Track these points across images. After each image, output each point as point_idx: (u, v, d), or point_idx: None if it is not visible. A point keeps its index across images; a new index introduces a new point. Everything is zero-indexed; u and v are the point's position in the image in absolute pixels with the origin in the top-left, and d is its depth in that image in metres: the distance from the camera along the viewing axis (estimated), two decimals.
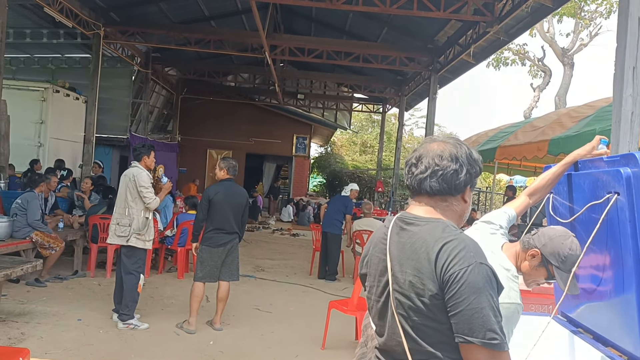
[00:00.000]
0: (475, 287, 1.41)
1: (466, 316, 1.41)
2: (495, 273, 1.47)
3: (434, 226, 1.55)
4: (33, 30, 11.87)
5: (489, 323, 1.39)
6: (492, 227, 2.34)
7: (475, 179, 1.65)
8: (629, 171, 1.98)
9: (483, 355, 1.40)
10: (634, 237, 1.95)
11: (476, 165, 1.63)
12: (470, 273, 1.42)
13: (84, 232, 7.60)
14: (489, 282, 1.43)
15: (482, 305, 1.40)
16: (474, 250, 1.47)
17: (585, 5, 17.86)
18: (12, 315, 5.24)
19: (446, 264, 1.45)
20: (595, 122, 5.70)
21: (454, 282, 1.43)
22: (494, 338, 1.39)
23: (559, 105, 18.95)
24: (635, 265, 1.96)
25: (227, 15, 13.20)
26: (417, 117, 29.81)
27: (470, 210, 1.77)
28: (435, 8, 8.51)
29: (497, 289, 1.46)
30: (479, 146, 9.25)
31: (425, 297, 1.48)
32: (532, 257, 2.17)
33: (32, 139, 10.63)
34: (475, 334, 1.40)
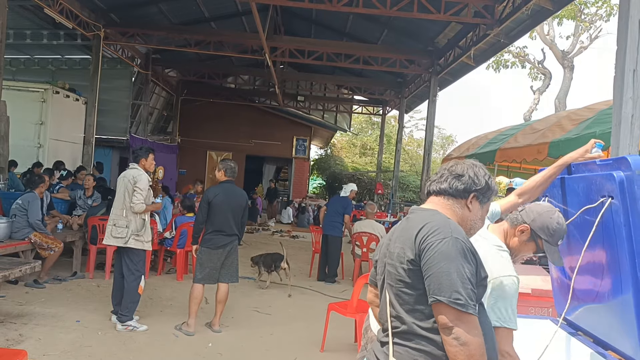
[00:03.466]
0: (446, 255, 1.63)
1: (436, 278, 1.62)
2: (473, 250, 1.67)
3: (428, 213, 1.82)
4: (33, 31, 11.87)
5: (455, 286, 1.59)
6: None
7: (483, 195, 1.88)
8: (622, 175, 1.98)
9: (450, 315, 1.60)
10: (629, 240, 1.95)
11: (479, 180, 1.87)
12: (445, 244, 1.65)
13: (83, 234, 7.58)
14: (462, 254, 1.64)
15: (450, 270, 1.61)
16: (453, 229, 1.69)
17: (585, 8, 17.87)
18: (11, 317, 5.22)
19: (425, 236, 1.70)
20: (595, 125, 5.69)
21: (429, 250, 1.66)
22: (459, 299, 1.58)
23: (559, 107, 18.95)
24: (632, 268, 1.95)
25: (227, 17, 13.21)
26: (417, 119, 29.81)
27: (479, 225, 1.92)
28: (436, 10, 8.51)
29: (473, 264, 1.65)
30: (479, 148, 9.24)
31: (404, 263, 1.72)
32: (521, 232, 2.28)
33: (32, 140, 10.62)
34: (443, 294, 1.60)
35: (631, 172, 1.89)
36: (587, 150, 2.44)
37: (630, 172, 1.89)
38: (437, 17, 8.69)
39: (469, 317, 1.60)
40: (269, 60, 12.10)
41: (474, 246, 1.73)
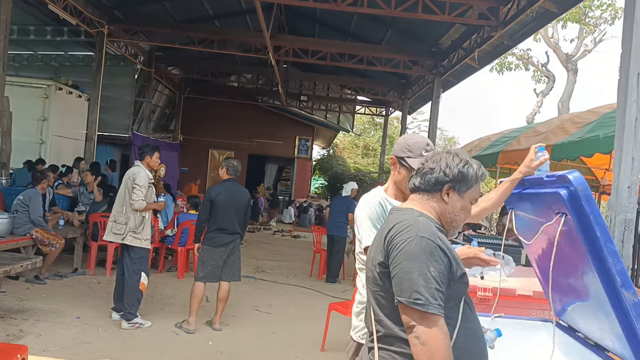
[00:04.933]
0: (409, 255, 1.62)
1: (398, 279, 1.62)
2: (444, 247, 1.64)
3: (401, 213, 1.79)
4: (37, 27, 11.88)
5: (416, 285, 1.58)
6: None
7: (459, 185, 1.79)
8: (566, 192, 1.95)
9: (411, 315, 1.59)
10: (592, 252, 1.93)
11: (452, 170, 1.79)
12: (408, 244, 1.63)
13: (84, 230, 7.59)
14: (426, 253, 1.61)
15: (412, 270, 1.60)
16: (420, 228, 1.66)
17: (590, 11, 17.84)
18: (11, 312, 5.22)
19: (391, 237, 1.69)
20: (598, 128, 5.68)
21: (394, 251, 1.66)
22: (419, 299, 1.57)
23: (562, 110, 18.92)
24: (602, 281, 1.92)
25: (231, 15, 13.20)
26: (419, 120, 29.81)
27: (462, 217, 1.84)
28: (440, 11, 8.50)
29: (443, 262, 1.62)
30: (481, 150, 9.23)
31: (376, 267, 1.72)
32: (392, 165, 2.42)
33: (34, 136, 10.63)
34: (403, 294, 1.60)
35: (575, 187, 1.88)
36: (532, 158, 2.37)
37: (574, 187, 1.89)
38: (441, 18, 8.68)
39: (431, 316, 1.57)
40: (273, 59, 12.09)
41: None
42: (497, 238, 6.25)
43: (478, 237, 5.98)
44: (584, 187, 1.87)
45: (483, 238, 5.84)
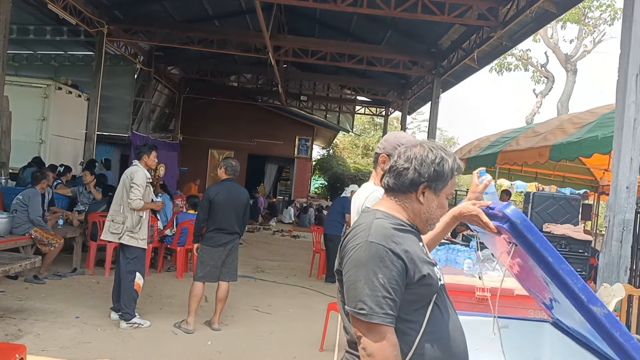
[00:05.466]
0: (356, 262, 1.56)
1: (346, 287, 1.58)
2: (399, 251, 1.55)
3: (364, 215, 1.74)
4: (36, 27, 11.87)
5: (361, 295, 1.52)
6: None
7: (435, 183, 1.69)
8: (509, 225, 1.95)
9: (357, 325, 1.54)
10: (550, 275, 1.94)
11: (428, 167, 1.68)
12: (357, 250, 1.57)
13: (83, 230, 7.59)
14: (375, 259, 1.53)
15: (358, 278, 1.53)
16: (372, 232, 1.58)
17: (589, 12, 17.85)
18: (10, 312, 5.23)
19: (346, 243, 1.64)
20: (597, 129, 5.69)
21: (345, 258, 1.61)
22: (362, 309, 1.50)
23: (561, 111, 18.93)
24: (569, 299, 1.94)
25: (231, 15, 13.20)
26: (419, 120, 29.82)
27: (438, 214, 1.74)
28: (440, 12, 8.50)
29: (395, 268, 1.53)
30: (481, 151, 9.23)
31: (337, 274, 1.69)
32: (383, 163, 2.39)
33: (34, 136, 10.62)
34: (350, 304, 1.55)
35: (514, 221, 1.90)
36: (476, 183, 2.27)
37: (513, 221, 1.90)
38: (441, 18, 8.68)
39: (376, 327, 1.50)
40: (273, 59, 12.09)
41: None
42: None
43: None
44: (522, 219, 1.86)
45: None
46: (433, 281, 1.62)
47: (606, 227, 4.62)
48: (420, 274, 1.58)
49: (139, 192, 5.18)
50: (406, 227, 1.68)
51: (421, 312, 1.60)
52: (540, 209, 5.68)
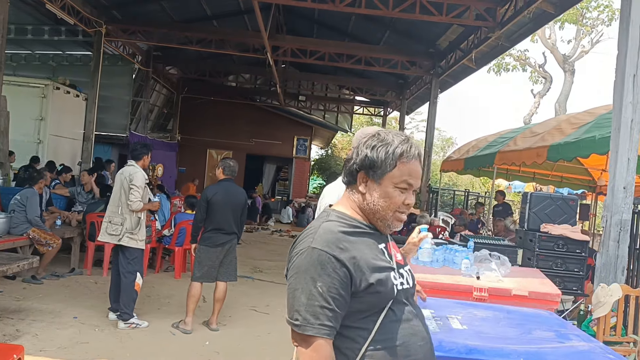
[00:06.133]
0: (297, 269, 1.50)
1: (287, 295, 1.51)
2: (343, 259, 1.47)
3: (318, 217, 1.70)
4: (34, 26, 11.85)
5: (297, 304, 1.45)
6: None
7: (373, 170, 1.57)
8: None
9: (293, 335, 1.48)
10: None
11: (360, 155, 1.60)
12: (299, 257, 1.51)
13: (82, 230, 7.59)
14: (316, 266, 1.46)
15: (297, 286, 1.47)
16: (316, 237, 1.51)
17: (587, 12, 17.88)
18: (8, 312, 5.22)
19: (292, 248, 1.58)
20: (594, 129, 5.71)
21: (289, 263, 1.56)
22: (297, 319, 1.45)
23: (559, 111, 18.96)
24: None
25: (229, 15, 13.20)
26: (417, 120, 29.84)
27: (384, 206, 1.59)
28: (438, 12, 8.51)
29: (338, 276, 1.46)
30: (479, 151, 9.25)
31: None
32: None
33: (32, 136, 10.60)
34: (288, 313, 1.49)
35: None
36: (413, 236, 2.24)
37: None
38: (439, 19, 8.70)
39: (309, 338, 1.43)
40: (271, 59, 12.09)
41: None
42: (494, 238, 6.27)
43: (475, 237, 6.00)
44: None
45: (479, 238, 5.86)
46: (384, 288, 1.53)
47: (603, 227, 4.64)
48: (366, 283, 1.50)
49: (138, 193, 5.17)
50: (361, 229, 1.60)
51: (371, 320, 1.52)
52: (537, 209, 5.69)
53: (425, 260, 4.15)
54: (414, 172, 1.59)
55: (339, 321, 1.48)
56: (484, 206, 12.84)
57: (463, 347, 2.29)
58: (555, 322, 2.94)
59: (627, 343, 4.24)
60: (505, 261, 4.15)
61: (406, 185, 1.58)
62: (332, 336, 1.46)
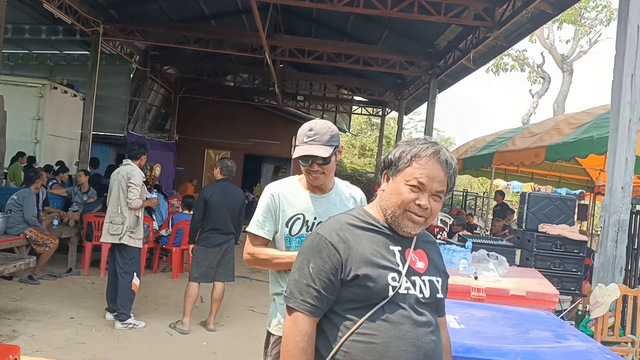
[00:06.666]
0: (301, 250, 1.65)
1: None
2: (338, 246, 1.58)
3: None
4: (32, 26, 11.82)
5: (291, 279, 1.62)
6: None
7: (390, 170, 1.69)
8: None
9: (286, 306, 1.63)
10: None
11: (386, 158, 1.73)
12: (307, 240, 1.67)
13: (79, 230, 7.56)
14: (313, 249, 1.60)
15: (296, 265, 1.63)
16: (325, 225, 1.67)
17: (585, 13, 17.91)
18: (4, 312, 5.20)
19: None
20: (592, 129, 5.70)
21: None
22: (286, 291, 1.62)
23: (557, 111, 18.99)
24: None
25: (227, 15, 13.17)
26: (416, 120, 29.86)
27: (392, 202, 1.65)
28: (436, 12, 8.50)
29: (330, 261, 1.57)
30: (477, 151, 9.25)
31: None
32: (339, 152, 2.36)
33: (29, 136, 10.58)
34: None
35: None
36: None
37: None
38: (437, 19, 8.68)
39: (291, 310, 1.58)
40: (269, 59, 12.07)
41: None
42: (492, 238, 6.26)
43: (473, 237, 6.00)
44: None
45: (477, 238, 5.85)
46: (374, 285, 1.55)
47: (601, 227, 4.63)
48: (354, 274, 1.55)
49: (137, 191, 5.21)
50: (373, 227, 1.66)
51: (360, 313, 1.56)
52: (535, 209, 5.68)
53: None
54: (428, 172, 1.61)
55: (324, 303, 1.57)
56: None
57: (460, 346, 2.28)
58: (553, 322, 2.93)
59: (625, 343, 4.23)
60: (503, 261, 4.14)
61: (416, 183, 1.61)
62: (315, 315, 1.57)
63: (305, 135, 2.28)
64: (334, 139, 2.32)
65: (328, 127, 2.32)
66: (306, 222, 2.33)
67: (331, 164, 2.30)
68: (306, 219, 2.33)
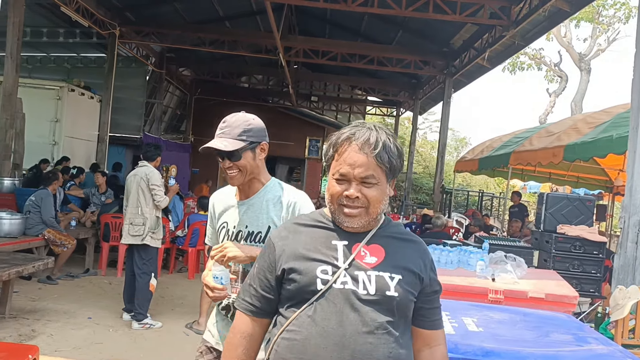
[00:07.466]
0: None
1: None
2: (275, 244, 1.55)
3: None
4: (50, 29, 11.98)
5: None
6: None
7: (325, 163, 1.59)
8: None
9: None
10: None
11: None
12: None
13: (96, 231, 7.64)
14: (262, 251, 1.61)
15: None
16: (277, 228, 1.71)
17: (603, 10, 17.66)
18: (23, 312, 5.26)
19: None
20: (611, 129, 5.61)
21: None
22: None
23: (575, 111, 18.75)
24: None
25: (242, 16, 13.22)
26: (430, 121, 29.65)
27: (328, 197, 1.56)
28: (451, 11, 8.44)
29: (267, 259, 1.55)
30: (493, 151, 9.16)
31: None
32: (262, 151, 2.26)
33: (47, 137, 10.72)
34: None
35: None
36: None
37: None
38: (452, 18, 8.62)
39: (237, 310, 1.60)
40: (283, 60, 12.09)
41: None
42: (509, 240, 6.19)
43: (490, 238, 5.93)
44: None
45: (494, 239, 5.79)
46: (301, 277, 1.47)
47: (621, 228, 4.55)
48: (282, 268, 1.50)
49: (161, 191, 5.36)
50: (320, 224, 1.57)
51: (294, 310, 1.48)
52: (554, 210, 5.61)
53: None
54: (346, 160, 1.48)
55: (262, 302, 1.55)
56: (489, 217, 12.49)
57: (479, 350, 2.25)
58: (573, 325, 2.89)
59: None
60: (522, 263, 4.08)
61: (339, 176, 1.49)
62: (253, 314, 1.56)
63: (219, 128, 2.15)
64: (250, 134, 2.12)
65: (244, 120, 2.14)
66: (228, 231, 2.17)
67: (247, 162, 2.11)
68: (228, 227, 2.17)
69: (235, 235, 2.13)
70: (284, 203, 2.14)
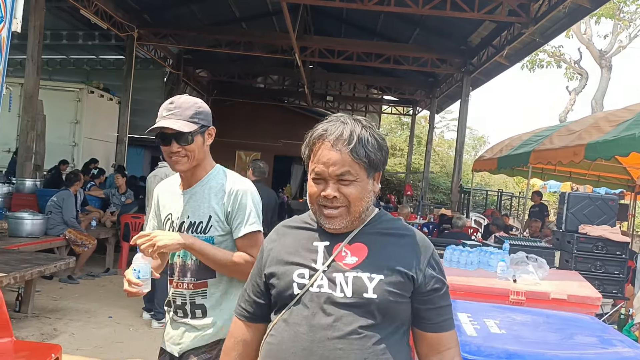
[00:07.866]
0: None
1: None
2: (265, 247, 1.55)
3: None
4: (69, 32, 12.17)
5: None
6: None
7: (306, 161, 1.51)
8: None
9: None
10: None
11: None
12: None
13: (116, 231, 7.72)
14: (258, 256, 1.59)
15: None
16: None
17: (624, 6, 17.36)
18: (45, 311, 5.34)
19: None
20: (634, 127, 5.49)
21: None
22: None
23: (595, 108, 18.47)
24: None
25: (258, 17, 13.27)
26: (448, 119, 29.47)
27: (308, 197, 1.49)
28: (469, 9, 8.36)
29: (258, 262, 1.56)
30: (512, 150, 9.06)
31: None
32: (210, 136, 2.13)
33: (67, 139, 10.88)
34: None
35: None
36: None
37: None
38: (470, 15, 8.54)
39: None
40: (299, 60, 12.10)
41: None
42: (530, 240, 6.12)
43: (510, 239, 5.87)
44: None
45: (515, 240, 5.73)
46: (279, 282, 1.45)
47: None
48: (264, 273, 1.51)
49: None
50: (306, 225, 1.52)
51: (277, 315, 1.46)
52: (575, 210, 5.53)
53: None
54: (320, 159, 1.41)
55: (255, 307, 1.54)
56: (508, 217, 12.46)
57: (503, 352, 2.22)
58: (597, 327, 2.84)
59: None
60: (543, 264, 4.02)
61: (315, 175, 1.42)
62: (246, 319, 1.55)
63: (165, 109, 1.96)
64: (202, 117, 2.01)
65: (194, 102, 2.01)
66: (172, 223, 2.07)
67: (197, 146, 2.00)
68: (173, 218, 2.07)
69: (179, 227, 2.04)
70: (227, 191, 2.10)
